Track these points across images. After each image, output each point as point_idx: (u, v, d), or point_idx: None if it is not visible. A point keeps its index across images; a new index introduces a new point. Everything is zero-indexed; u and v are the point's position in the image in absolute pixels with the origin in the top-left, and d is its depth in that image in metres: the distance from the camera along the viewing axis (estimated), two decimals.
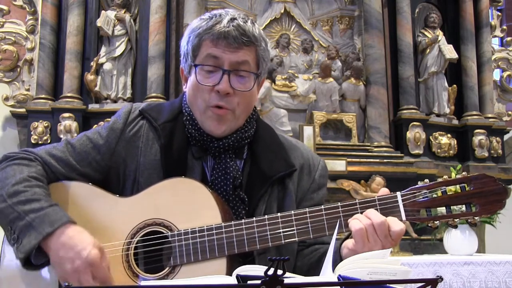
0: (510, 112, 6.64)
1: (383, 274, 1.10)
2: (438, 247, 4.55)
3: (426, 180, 1.42)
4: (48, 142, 5.16)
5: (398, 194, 1.38)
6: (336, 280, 1.06)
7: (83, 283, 1.30)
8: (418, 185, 1.40)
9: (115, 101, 5.43)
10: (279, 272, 0.88)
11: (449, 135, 5.95)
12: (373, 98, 5.62)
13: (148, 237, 1.41)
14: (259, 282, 0.87)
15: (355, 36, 5.98)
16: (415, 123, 5.66)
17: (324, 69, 5.62)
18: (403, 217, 1.36)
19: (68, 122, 5.20)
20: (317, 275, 1.19)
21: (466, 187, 1.36)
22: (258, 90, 1.57)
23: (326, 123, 5.50)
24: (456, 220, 1.38)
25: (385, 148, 5.50)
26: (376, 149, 5.46)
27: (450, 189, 1.38)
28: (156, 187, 1.44)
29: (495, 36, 6.85)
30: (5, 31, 5.74)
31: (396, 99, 5.82)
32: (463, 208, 1.38)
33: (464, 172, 1.45)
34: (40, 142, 5.16)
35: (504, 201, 1.35)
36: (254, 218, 1.39)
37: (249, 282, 1.02)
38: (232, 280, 1.04)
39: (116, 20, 5.50)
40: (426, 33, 6.10)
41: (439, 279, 0.94)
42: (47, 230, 1.33)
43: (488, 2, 6.43)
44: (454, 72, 6.16)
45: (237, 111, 1.49)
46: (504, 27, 6.96)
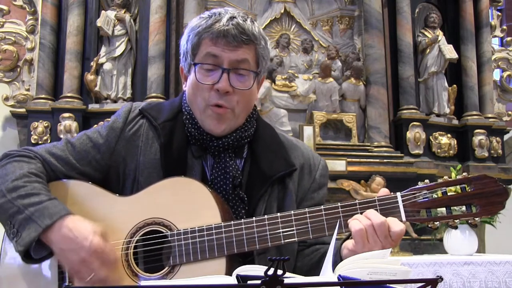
0: (510, 112, 6.64)
1: (383, 274, 1.10)
2: (438, 247, 4.55)
3: (427, 180, 1.41)
4: (48, 142, 5.13)
5: (398, 194, 1.38)
6: (336, 280, 1.06)
7: (94, 271, 1.31)
8: (418, 185, 1.39)
9: (115, 101, 5.43)
10: (279, 272, 0.88)
11: (449, 135, 5.94)
12: (373, 98, 5.62)
13: (147, 236, 1.41)
14: (259, 282, 0.87)
15: (355, 36, 5.98)
16: (415, 123, 5.66)
17: (324, 69, 5.62)
18: (403, 217, 1.36)
19: (68, 122, 5.20)
20: (317, 275, 1.19)
21: (467, 188, 1.35)
22: (258, 89, 1.57)
23: (326, 123, 5.50)
24: (456, 221, 1.37)
25: (385, 148, 5.50)
26: (376, 149, 5.46)
27: (451, 189, 1.37)
28: (156, 187, 1.44)
29: (495, 36, 6.85)
30: (5, 31, 5.74)
31: (396, 99, 5.82)
32: (464, 209, 1.37)
33: (465, 173, 1.44)
34: (40, 142, 5.16)
35: (504, 202, 1.35)
36: (254, 218, 1.39)
37: (249, 282, 1.02)
38: (232, 280, 1.04)
39: (116, 20, 5.50)
40: (426, 33, 6.09)
41: (439, 279, 0.94)
42: (46, 223, 1.33)
43: (488, 2, 6.43)
44: (454, 72, 6.16)
45: (236, 109, 1.48)
46: (504, 27, 6.96)
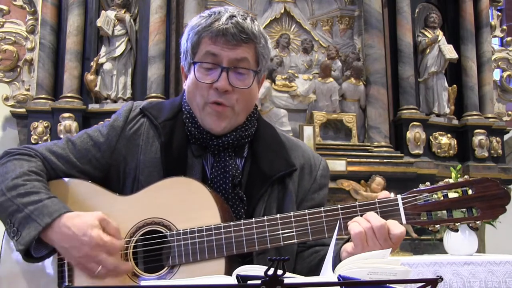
0: (510, 112, 6.64)
1: (383, 274, 1.09)
2: (438, 247, 4.55)
3: (428, 183, 1.40)
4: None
5: (399, 197, 1.37)
6: (336, 280, 1.06)
7: (101, 263, 1.32)
8: (419, 188, 1.38)
9: (115, 101, 5.43)
10: (279, 272, 0.87)
11: (449, 135, 5.94)
12: (373, 98, 5.62)
13: (147, 236, 1.41)
14: (259, 282, 0.87)
15: (355, 36, 5.97)
16: (415, 123, 5.66)
17: (324, 69, 5.62)
18: (404, 220, 1.35)
19: (68, 122, 5.20)
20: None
21: (468, 191, 1.34)
22: (258, 88, 1.57)
23: (326, 123, 5.50)
24: (457, 224, 1.36)
25: (385, 148, 5.50)
26: (376, 149, 5.46)
27: (452, 192, 1.36)
28: (156, 186, 1.44)
29: (495, 36, 6.84)
30: (5, 31, 5.73)
31: (396, 99, 5.81)
32: (465, 212, 1.36)
33: (466, 176, 1.43)
34: (40, 142, 5.15)
35: (506, 205, 1.33)
36: (253, 219, 1.38)
37: (249, 282, 1.02)
38: (232, 280, 1.04)
39: (116, 20, 5.50)
40: (426, 33, 6.09)
41: (439, 279, 0.94)
42: (46, 221, 1.33)
43: (488, 2, 6.43)
44: (454, 72, 6.16)
45: (236, 107, 1.48)
46: (504, 27, 6.96)
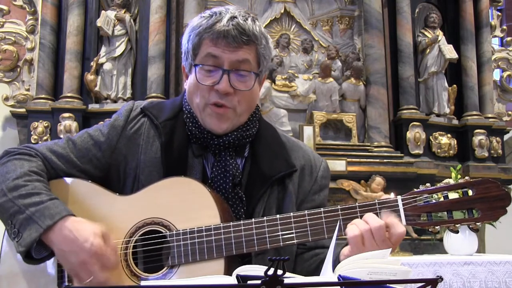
0: (510, 112, 6.64)
1: (383, 274, 1.09)
2: (438, 247, 4.55)
3: (428, 184, 1.40)
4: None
5: (399, 198, 1.37)
6: (336, 280, 1.06)
7: (93, 274, 1.30)
8: (419, 189, 1.38)
9: (115, 101, 5.43)
10: (279, 272, 0.87)
11: (449, 135, 5.94)
12: (373, 98, 5.62)
13: (146, 236, 1.40)
14: (259, 282, 0.87)
15: (355, 36, 5.97)
16: (415, 123, 5.65)
17: (324, 69, 5.61)
18: (404, 221, 1.35)
19: (68, 122, 5.20)
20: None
21: (469, 192, 1.34)
22: (260, 88, 1.57)
23: (326, 123, 5.49)
24: (457, 225, 1.35)
25: (385, 148, 5.50)
26: (376, 149, 5.46)
27: (452, 193, 1.35)
28: (155, 186, 1.44)
29: (495, 36, 6.84)
30: (5, 31, 5.73)
31: (396, 99, 5.81)
32: (465, 213, 1.35)
33: (467, 177, 1.43)
34: (40, 142, 5.15)
35: (507, 207, 1.33)
36: (253, 220, 1.38)
37: (249, 282, 1.01)
38: (232, 280, 1.04)
39: (116, 20, 5.49)
40: (426, 33, 6.09)
41: (439, 279, 0.94)
42: (47, 223, 1.33)
43: (488, 2, 6.43)
44: (454, 72, 6.16)
45: (238, 109, 1.48)
46: (504, 27, 6.96)
